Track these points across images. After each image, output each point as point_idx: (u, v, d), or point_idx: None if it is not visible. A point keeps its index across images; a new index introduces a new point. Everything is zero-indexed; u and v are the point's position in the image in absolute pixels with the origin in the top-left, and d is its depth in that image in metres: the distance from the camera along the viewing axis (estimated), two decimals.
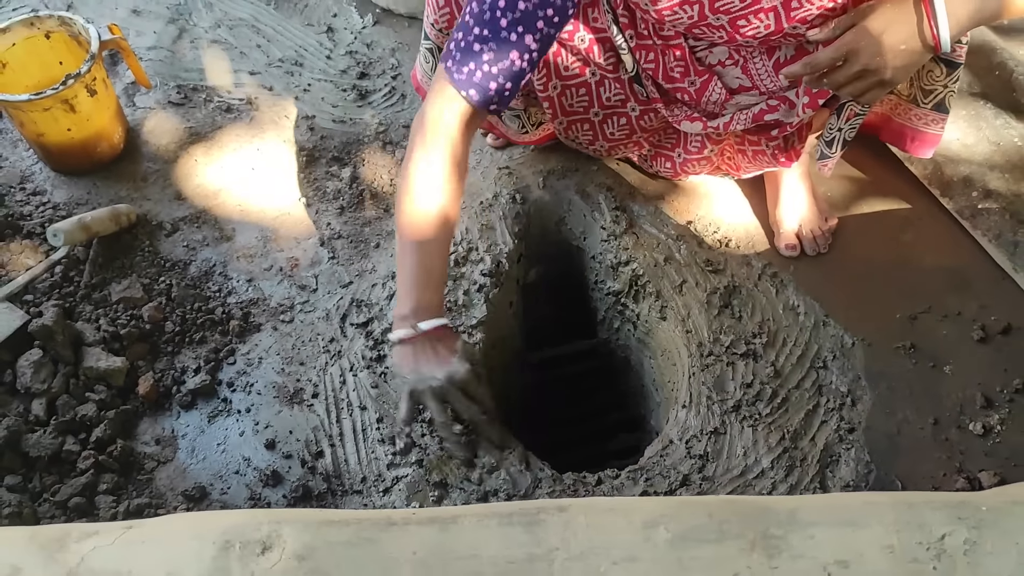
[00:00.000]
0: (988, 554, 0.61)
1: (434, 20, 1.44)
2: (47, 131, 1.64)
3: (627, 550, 0.71)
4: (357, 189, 1.72)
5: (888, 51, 1.19)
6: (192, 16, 2.00)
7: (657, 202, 1.69)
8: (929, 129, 1.45)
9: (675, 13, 1.28)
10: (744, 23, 1.29)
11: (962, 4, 1.16)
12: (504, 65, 1.22)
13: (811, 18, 1.25)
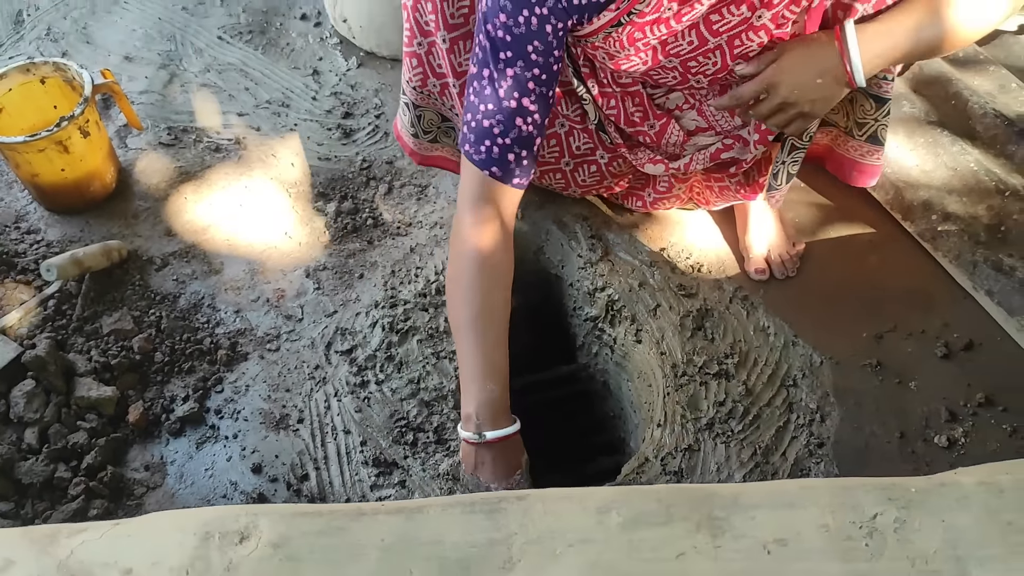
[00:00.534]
0: (916, 531, 0.65)
1: (408, 78, 1.52)
2: (42, 171, 1.70)
3: (581, 533, 0.75)
4: (342, 223, 1.78)
5: (805, 85, 1.27)
6: (183, 62, 2.08)
7: (631, 230, 1.75)
8: (866, 160, 1.52)
9: (632, 62, 1.36)
10: (694, 64, 1.36)
11: (876, 44, 1.24)
12: (514, 135, 1.28)
13: (752, 55, 1.32)
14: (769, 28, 1.29)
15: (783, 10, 1.26)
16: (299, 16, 2.18)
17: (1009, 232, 1.60)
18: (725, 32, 1.30)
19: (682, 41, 1.33)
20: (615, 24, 1.28)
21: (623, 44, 1.31)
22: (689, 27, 1.30)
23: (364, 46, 2.09)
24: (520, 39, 1.25)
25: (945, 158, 1.70)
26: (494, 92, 1.27)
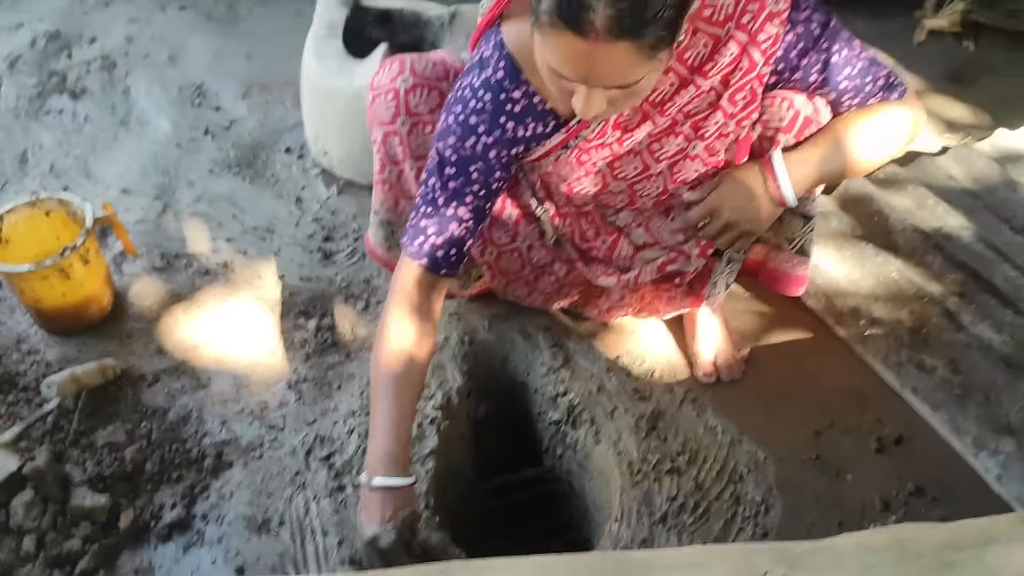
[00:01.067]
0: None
1: (381, 201, 1.71)
2: (44, 296, 1.84)
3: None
4: (322, 338, 1.92)
5: (743, 208, 1.45)
6: (176, 193, 2.26)
7: (590, 339, 1.90)
8: (796, 271, 1.70)
9: (583, 184, 1.54)
10: (639, 187, 1.54)
11: (801, 169, 1.43)
12: (446, 236, 1.45)
13: (690, 179, 1.51)
14: (703, 157, 1.48)
15: (713, 142, 1.46)
16: (284, 150, 2.38)
17: (929, 335, 1.77)
18: (665, 159, 1.49)
19: (627, 166, 1.51)
20: (564, 147, 1.46)
21: (573, 166, 1.50)
22: (633, 153, 1.49)
23: (343, 175, 2.28)
24: (465, 160, 1.43)
25: (870, 268, 1.88)
26: (435, 199, 1.45)
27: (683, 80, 1.38)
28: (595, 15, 1.09)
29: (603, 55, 1.13)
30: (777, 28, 1.34)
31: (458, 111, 1.42)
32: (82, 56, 2.61)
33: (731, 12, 1.33)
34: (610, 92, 1.21)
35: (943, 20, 2.83)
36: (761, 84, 1.40)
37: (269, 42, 2.70)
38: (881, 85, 1.42)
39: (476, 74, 1.41)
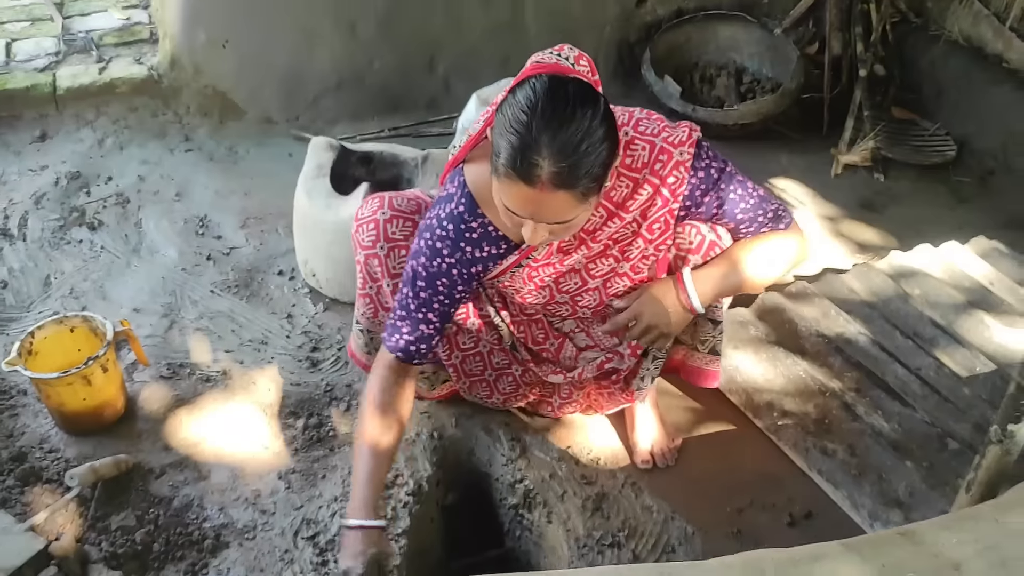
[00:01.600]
0: None
1: (362, 312, 2.02)
2: (67, 400, 2.11)
3: None
4: (308, 435, 2.19)
5: (660, 314, 1.77)
6: (181, 311, 2.56)
7: (544, 433, 2.19)
8: (709, 367, 2.01)
9: (533, 296, 1.86)
10: (579, 299, 1.87)
11: (706, 283, 1.76)
12: (417, 334, 1.79)
13: (621, 292, 1.83)
14: (630, 275, 1.81)
15: (637, 262, 1.79)
16: (277, 272, 2.70)
17: (831, 424, 2.06)
18: (599, 277, 1.82)
19: (569, 282, 1.84)
20: (517, 266, 1.79)
21: (524, 281, 1.82)
22: (573, 271, 1.81)
23: (329, 294, 2.59)
24: (433, 275, 1.76)
25: (782, 369, 2.19)
26: (408, 306, 1.79)
27: (610, 214, 1.73)
28: (541, 171, 1.43)
29: (546, 200, 1.47)
30: (682, 173, 1.69)
31: (427, 236, 1.75)
32: (99, 193, 2.96)
33: (646, 161, 1.68)
34: (551, 226, 1.54)
35: (856, 156, 3.25)
36: (672, 217, 1.74)
37: (265, 180, 3.07)
38: (770, 217, 1.77)
39: (443, 207, 1.75)
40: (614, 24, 3.66)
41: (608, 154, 1.48)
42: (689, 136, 1.68)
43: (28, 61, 3.33)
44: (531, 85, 1.46)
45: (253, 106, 3.31)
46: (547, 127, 1.42)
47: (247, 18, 3.19)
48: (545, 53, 1.56)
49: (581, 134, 1.42)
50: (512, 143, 1.44)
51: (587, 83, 1.50)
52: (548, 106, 1.42)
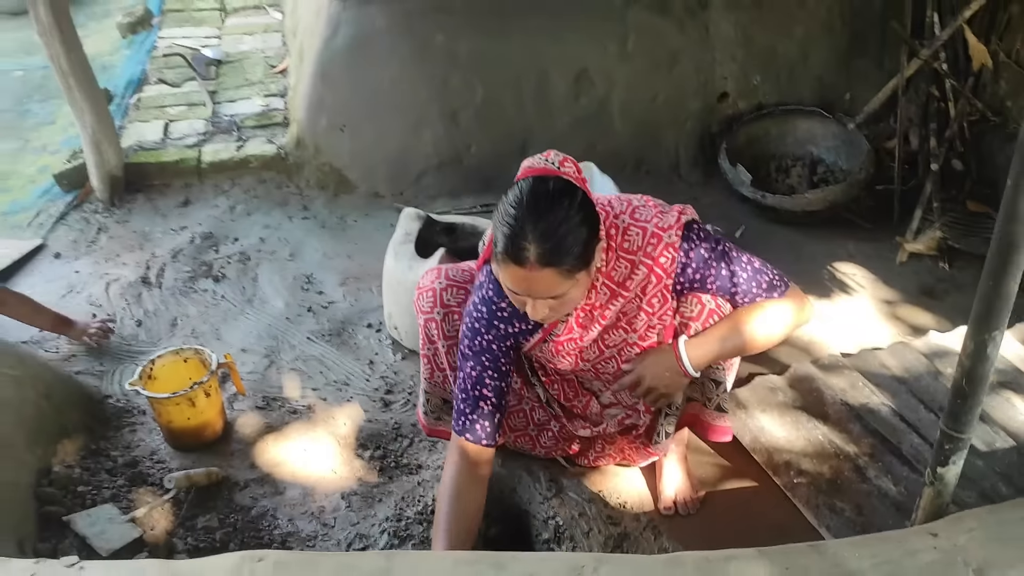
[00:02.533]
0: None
1: (423, 373, 2.31)
2: (175, 419, 2.50)
3: None
4: (373, 464, 2.49)
5: (659, 376, 1.99)
6: (280, 353, 2.94)
7: (580, 478, 2.41)
8: (717, 423, 2.19)
9: (562, 363, 2.12)
10: (600, 365, 2.11)
11: (700, 349, 1.97)
12: (478, 412, 2.01)
13: (633, 357, 2.06)
14: (639, 343, 2.05)
15: (644, 332, 2.03)
16: (366, 325, 3.06)
17: (841, 484, 2.20)
18: (614, 347, 2.07)
19: (589, 352, 2.09)
20: (544, 342, 2.06)
21: (553, 353, 2.08)
22: (592, 344, 2.07)
23: (408, 345, 2.92)
24: (477, 353, 2.02)
25: (803, 432, 2.34)
26: (464, 386, 2.03)
27: (613, 293, 1.98)
28: (529, 253, 1.71)
29: (536, 278, 1.74)
30: (671, 253, 1.92)
31: (467, 321, 2.04)
32: (226, 251, 3.43)
33: (640, 244, 1.93)
34: (547, 301, 1.80)
35: (920, 244, 3.36)
36: (668, 291, 1.97)
37: (367, 245, 3.47)
38: (765, 287, 1.97)
39: (477, 293, 2.05)
40: (696, 117, 3.94)
41: (588, 235, 1.74)
42: (678, 220, 1.92)
43: (180, 139, 3.91)
44: (519, 186, 1.76)
45: (364, 182, 3.75)
46: (531, 217, 1.70)
47: (363, 107, 3.65)
48: (535, 158, 1.84)
49: (560, 220, 1.70)
50: (504, 233, 1.72)
51: (566, 180, 1.77)
52: (532, 200, 1.71)
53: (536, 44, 3.70)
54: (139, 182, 3.71)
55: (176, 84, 4.38)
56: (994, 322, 1.31)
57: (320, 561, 1.36)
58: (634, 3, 3.77)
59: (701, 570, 1.30)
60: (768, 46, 3.95)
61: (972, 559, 1.30)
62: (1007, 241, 1.26)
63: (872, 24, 3.99)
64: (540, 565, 1.33)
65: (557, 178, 1.77)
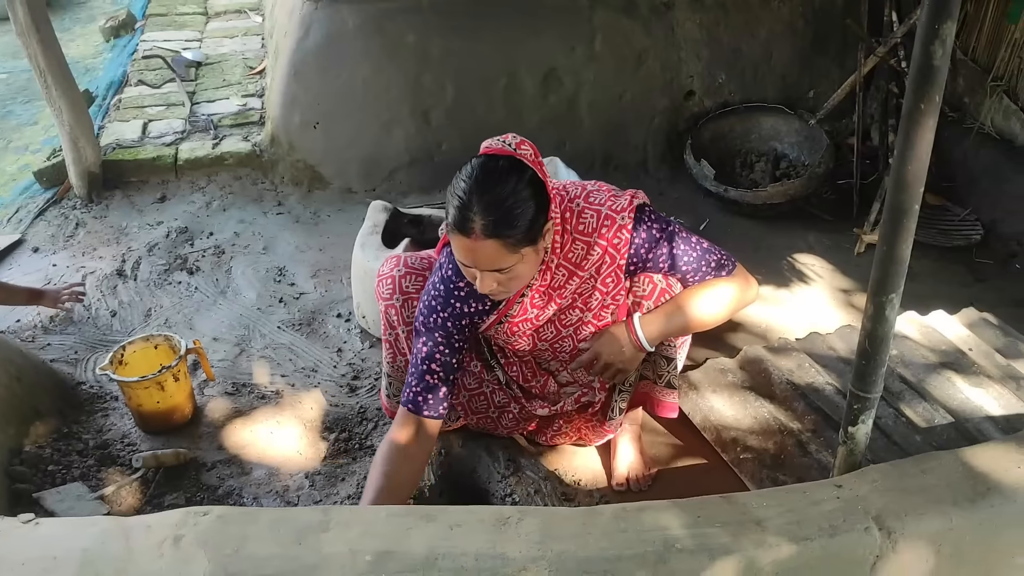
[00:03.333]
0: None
1: (385, 357, 2.38)
2: (144, 403, 2.57)
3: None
4: (337, 446, 2.57)
5: (616, 352, 2.08)
6: (251, 342, 3.02)
7: (537, 457, 2.48)
8: (666, 399, 2.27)
9: (519, 344, 2.20)
10: (557, 345, 2.19)
11: (653, 325, 2.06)
12: (423, 385, 2.07)
13: (588, 336, 2.14)
14: (594, 322, 2.13)
15: (599, 311, 2.11)
16: (336, 315, 3.14)
17: (785, 459, 2.28)
18: (570, 326, 2.15)
19: (546, 332, 2.17)
20: (499, 322, 2.13)
21: (509, 333, 2.16)
22: (548, 323, 2.15)
23: (376, 334, 3.00)
24: (432, 329, 2.10)
25: (750, 410, 2.43)
26: (415, 360, 2.10)
27: (570, 272, 2.06)
28: (475, 224, 1.79)
29: (481, 248, 1.82)
30: (624, 235, 2.01)
31: (425, 298, 2.12)
32: (201, 245, 3.51)
33: (595, 225, 2.01)
34: (495, 275, 1.88)
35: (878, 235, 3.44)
36: (621, 271, 2.05)
37: (339, 239, 3.55)
38: (713, 266, 2.06)
39: (437, 273, 2.13)
40: (663, 115, 4.03)
41: (534, 212, 1.83)
42: (630, 203, 2.01)
43: (159, 137, 3.99)
44: (471, 163, 1.84)
45: (337, 178, 3.84)
46: (478, 190, 1.78)
47: (336, 105, 3.74)
48: (494, 140, 1.91)
49: (506, 195, 1.78)
50: (454, 204, 1.81)
51: (518, 159, 1.84)
52: (481, 175, 1.80)
53: (506, 44, 3.80)
54: (117, 179, 3.80)
55: (156, 85, 4.47)
56: (891, 285, 1.40)
57: (260, 515, 1.44)
58: (600, 4, 3.87)
59: (618, 518, 1.38)
60: (733, 46, 4.05)
61: (872, 507, 1.38)
62: (898, 209, 1.34)
63: (834, 24, 4.09)
64: (468, 516, 1.41)
65: (508, 157, 1.86)
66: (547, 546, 1.34)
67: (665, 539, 1.34)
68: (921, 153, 1.29)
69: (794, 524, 1.35)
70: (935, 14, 1.19)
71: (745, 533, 1.33)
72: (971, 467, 1.44)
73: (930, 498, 1.38)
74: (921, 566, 1.36)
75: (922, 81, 1.25)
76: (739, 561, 1.31)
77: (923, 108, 1.25)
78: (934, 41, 1.21)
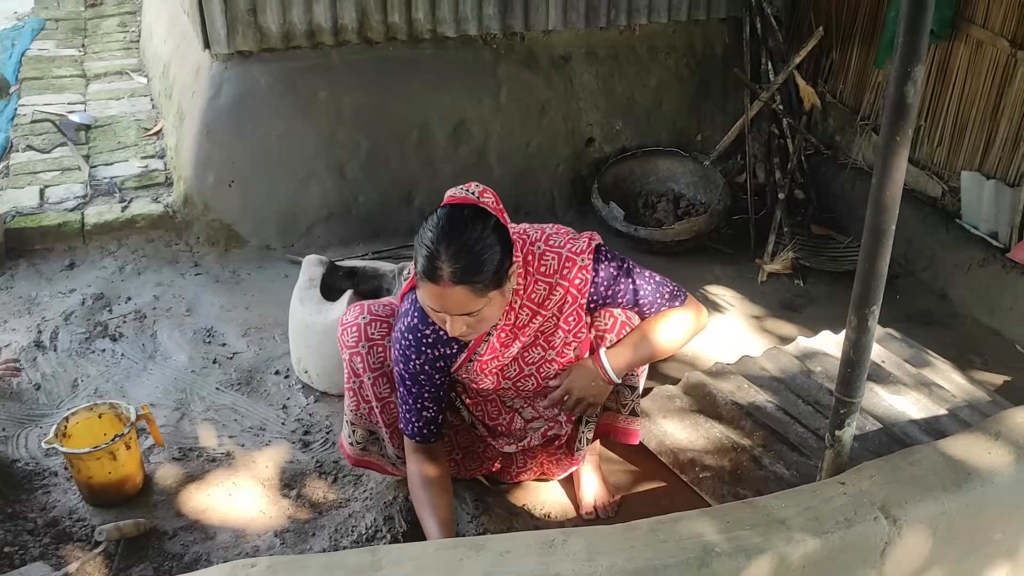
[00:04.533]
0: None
1: (348, 406, 2.40)
2: (95, 474, 2.48)
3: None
4: (300, 502, 2.55)
5: (586, 387, 2.19)
6: (190, 405, 2.95)
7: (504, 495, 2.56)
8: (631, 427, 2.40)
9: (485, 382, 2.28)
10: (520, 383, 2.28)
11: (619, 358, 2.18)
12: (422, 420, 2.20)
13: (553, 374, 2.25)
14: (557, 360, 2.24)
15: (562, 348, 2.22)
16: (274, 372, 3.12)
17: (742, 474, 2.45)
18: (533, 364, 2.25)
19: (511, 370, 2.26)
20: (469, 360, 2.21)
21: (477, 372, 2.24)
22: (513, 360, 2.24)
23: (319, 388, 3.00)
24: (413, 374, 2.17)
25: (702, 431, 2.59)
26: (406, 400, 2.19)
27: (533, 312, 2.16)
28: (443, 272, 1.88)
29: (449, 295, 1.91)
30: (585, 275, 2.13)
31: (396, 348, 2.18)
32: (120, 311, 3.40)
33: (556, 267, 2.13)
34: (464, 318, 1.97)
35: (777, 264, 3.75)
36: (582, 310, 2.17)
37: (263, 296, 3.52)
38: (667, 297, 2.22)
39: (402, 321, 2.19)
40: (567, 161, 4.23)
41: (500, 257, 1.93)
42: (589, 245, 2.15)
43: (59, 203, 3.85)
44: (437, 213, 1.95)
45: (254, 236, 3.81)
46: (445, 239, 1.89)
47: (250, 163, 3.73)
48: (457, 189, 2.02)
49: (472, 242, 1.89)
50: (423, 254, 1.91)
51: (481, 208, 1.96)
52: (447, 224, 1.91)
53: (416, 98, 3.90)
54: (20, 247, 3.63)
55: (45, 150, 4.31)
56: (871, 298, 1.58)
57: (308, 561, 1.46)
58: (504, 58, 4.05)
59: (655, 531, 1.49)
60: (627, 95, 4.31)
61: (876, 499, 1.54)
62: (877, 229, 1.53)
63: (715, 73, 4.43)
64: (514, 542, 1.48)
65: (472, 206, 1.96)
66: (597, 562, 1.42)
67: (703, 545, 1.45)
68: (897, 179, 1.48)
69: (814, 520, 1.49)
70: (906, 59, 1.39)
71: (774, 532, 1.46)
72: (950, 456, 1.64)
73: (923, 486, 1.56)
74: (922, 548, 1.53)
75: (896, 117, 1.43)
76: (772, 558, 1.44)
77: (898, 140, 1.44)
78: (907, 82, 1.40)
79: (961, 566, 1.63)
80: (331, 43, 3.75)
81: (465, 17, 3.91)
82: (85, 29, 6.05)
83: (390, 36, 3.84)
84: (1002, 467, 1.61)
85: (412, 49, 3.90)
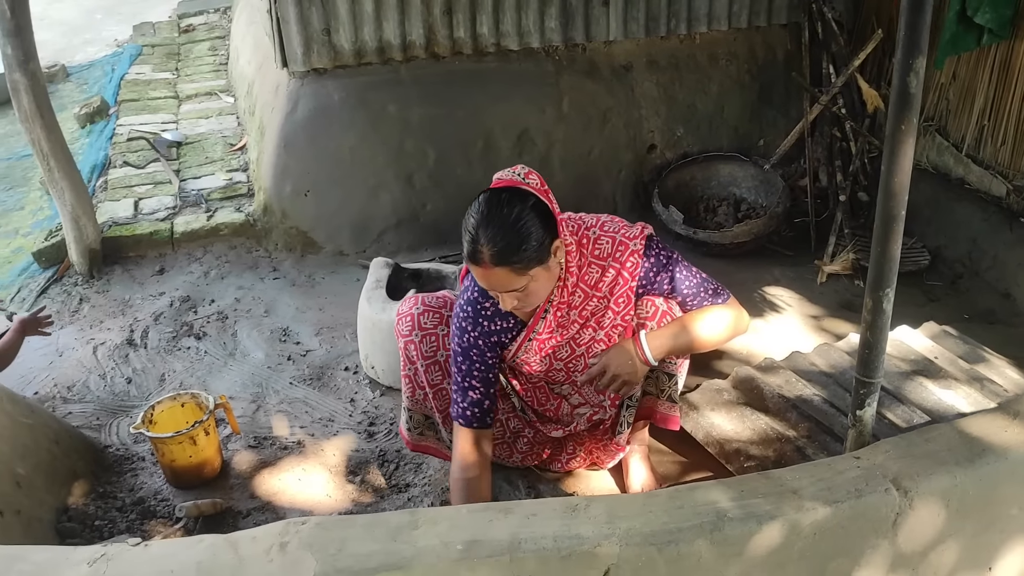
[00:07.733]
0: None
1: (404, 392, 2.56)
2: (177, 457, 2.69)
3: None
4: (364, 487, 2.72)
5: (623, 365, 2.28)
6: (266, 398, 3.16)
7: (555, 483, 2.67)
8: (669, 413, 2.48)
9: (538, 364, 2.40)
10: (571, 364, 2.40)
11: (658, 341, 2.26)
12: (468, 400, 2.32)
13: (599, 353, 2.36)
14: (605, 341, 2.35)
15: (610, 330, 2.33)
16: (343, 368, 3.30)
17: (786, 464, 2.49)
18: (584, 345, 2.36)
19: (563, 351, 2.38)
20: (528, 340, 2.34)
21: (534, 352, 2.36)
22: (565, 343, 2.36)
23: (385, 383, 3.17)
24: (465, 349, 2.31)
25: (748, 423, 2.65)
26: (456, 379, 2.33)
27: (587, 294, 2.29)
28: (483, 255, 2.02)
29: (493, 275, 2.05)
30: (637, 259, 2.25)
31: (455, 322, 2.33)
32: (204, 312, 3.65)
33: (610, 251, 2.25)
34: (512, 294, 2.11)
35: (837, 266, 3.76)
36: (632, 293, 2.29)
37: (336, 298, 3.73)
38: (710, 293, 2.31)
39: (463, 296, 2.34)
40: (628, 167, 4.34)
41: (540, 236, 2.05)
42: (641, 232, 2.26)
43: (151, 214, 4.15)
44: (479, 198, 2.08)
45: (328, 242, 4.03)
46: (483, 224, 2.02)
47: (325, 173, 3.96)
48: (505, 171, 2.16)
49: (509, 225, 2.01)
50: (466, 239, 2.05)
51: (520, 189, 2.08)
52: (486, 209, 2.04)
53: (481, 109, 4.07)
54: (116, 255, 3.93)
55: (140, 166, 4.63)
56: (885, 281, 1.65)
57: (353, 520, 1.60)
58: (566, 69, 4.18)
59: (673, 498, 1.58)
60: (688, 102, 4.39)
61: (888, 472, 1.61)
62: (888, 215, 1.59)
63: (777, 78, 4.47)
64: (541, 506, 1.60)
65: (510, 188, 2.09)
66: (616, 524, 1.53)
67: (717, 511, 1.54)
68: (904, 167, 1.55)
69: (825, 491, 1.57)
70: (908, 51, 1.47)
71: (785, 501, 1.54)
72: (966, 433, 1.69)
73: (936, 460, 1.61)
74: (935, 520, 1.59)
75: (902, 106, 1.51)
76: (783, 524, 1.52)
77: (903, 129, 1.51)
78: (909, 73, 1.48)
79: (978, 540, 1.67)
80: (400, 59, 3.95)
81: (528, 31, 4.06)
82: (179, 54, 6.45)
83: (456, 51, 4.02)
84: (1018, 444, 1.65)
85: (477, 63, 4.08)
